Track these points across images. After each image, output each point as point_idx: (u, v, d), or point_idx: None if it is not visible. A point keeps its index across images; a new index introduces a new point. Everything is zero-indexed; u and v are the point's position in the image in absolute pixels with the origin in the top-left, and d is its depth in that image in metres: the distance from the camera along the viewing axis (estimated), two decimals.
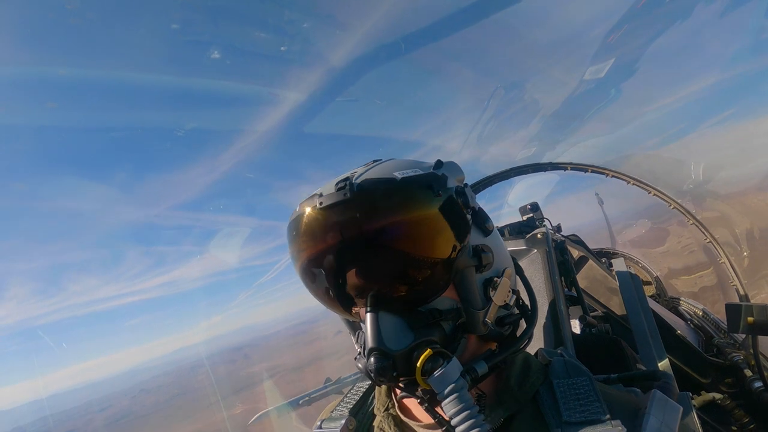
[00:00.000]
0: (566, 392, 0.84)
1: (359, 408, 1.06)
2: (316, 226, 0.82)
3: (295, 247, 0.87)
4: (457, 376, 0.74)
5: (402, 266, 0.82)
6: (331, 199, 0.78)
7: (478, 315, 0.85)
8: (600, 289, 2.58)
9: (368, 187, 0.79)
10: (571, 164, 4.10)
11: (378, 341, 0.76)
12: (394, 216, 0.80)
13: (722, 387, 2.67)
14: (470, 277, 0.86)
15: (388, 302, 0.81)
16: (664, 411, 0.76)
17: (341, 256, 0.82)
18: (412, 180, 0.82)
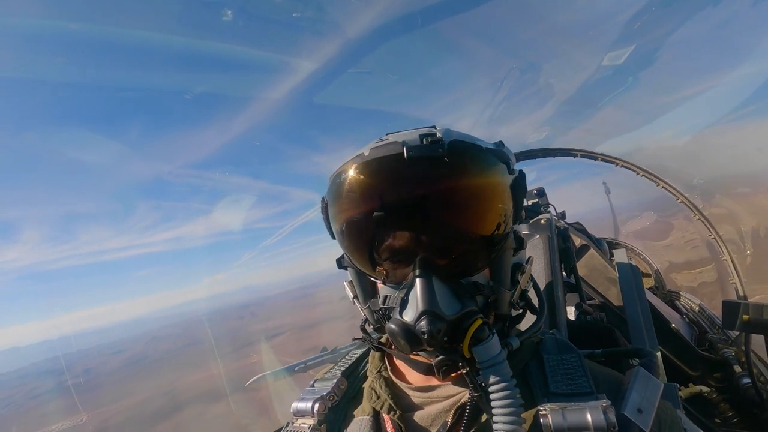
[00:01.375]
0: (555, 367, 0.86)
1: (352, 371, 1.10)
2: (398, 174, 0.79)
3: (362, 191, 0.83)
4: (499, 348, 0.77)
5: (465, 234, 0.82)
6: (422, 151, 0.76)
7: (507, 295, 0.88)
8: (599, 279, 2.59)
9: (460, 148, 0.79)
10: (581, 151, 4.05)
11: (432, 304, 0.75)
12: (478, 183, 0.81)
13: (710, 381, 2.71)
14: (507, 259, 0.88)
15: (439, 267, 0.81)
16: (647, 387, 0.79)
17: (414, 211, 0.80)
18: (495, 152, 0.83)
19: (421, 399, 0.92)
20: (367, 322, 0.99)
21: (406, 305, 0.79)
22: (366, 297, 0.95)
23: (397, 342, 0.80)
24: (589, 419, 0.71)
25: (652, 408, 0.76)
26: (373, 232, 0.85)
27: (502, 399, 0.72)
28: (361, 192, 0.83)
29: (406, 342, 0.78)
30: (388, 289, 0.87)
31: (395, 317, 0.80)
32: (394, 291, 0.85)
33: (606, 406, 0.72)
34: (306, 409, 0.98)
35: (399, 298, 0.82)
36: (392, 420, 0.90)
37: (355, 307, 1.00)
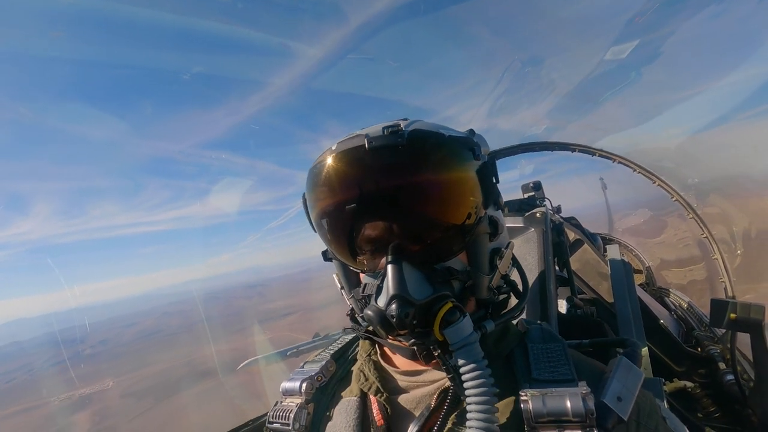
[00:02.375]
0: (539, 355, 0.88)
1: (341, 354, 1.13)
2: (361, 165, 0.81)
3: (329, 181, 0.86)
4: (471, 330, 0.78)
5: (432, 221, 0.84)
6: (382, 141, 0.78)
7: (485, 280, 0.89)
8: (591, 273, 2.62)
9: (420, 136, 0.80)
10: (579, 146, 4.05)
11: (401, 288, 0.77)
12: (440, 170, 0.82)
13: (695, 377, 2.77)
14: (483, 244, 0.89)
15: (411, 254, 0.82)
16: (628, 376, 0.80)
17: (379, 200, 0.82)
18: (459, 139, 0.84)
19: (407, 383, 0.94)
20: (353, 311, 1.01)
21: (381, 292, 0.81)
22: (351, 287, 0.97)
23: (375, 328, 0.83)
24: (568, 405, 0.72)
25: (631, 396, 0.77)
26: (346, 224, 0.87)
27: (473, 379, 0.73)
28: (329, 185, 0.86)
29: (381, 327, 0.80)
30: (368, 277, 0.90)
31: (371, 303, 0.83)
32: (372, 279, 0.87)
33: (585, 394, 0.73)
34: (294, 388, 1.01)
35: (375, 285, 0.84)
36: (378, 401, 0.93)
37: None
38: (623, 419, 0.74)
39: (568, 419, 0.72)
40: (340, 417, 0.96)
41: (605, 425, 0.72)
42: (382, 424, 0.90)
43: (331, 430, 0.95)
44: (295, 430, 0.96)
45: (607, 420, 0.73)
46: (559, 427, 0.73)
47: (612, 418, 0.73)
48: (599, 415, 0.72)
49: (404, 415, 0.91)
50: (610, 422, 0.73)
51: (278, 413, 1.00)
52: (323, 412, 1.01)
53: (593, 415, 0.71)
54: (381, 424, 0.91)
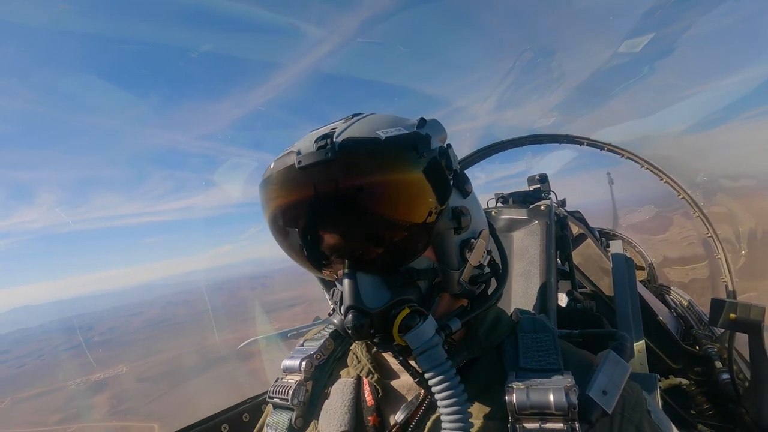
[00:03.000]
0: (528, 344, 0.88)
1: (340, 333, 1.12)
2: (294, 186, 0.79)
3: (268, 205, 0.85)
4: (432, 333, 0.77)
5: (382, 229, 0.81)
6: (310, 158, 0.74)
7: (454, 275, 0.87)
8: (593, 268, 2.62)
9: (351, 147, 0.75)
10: (588, 140, 4.01)
11: (356, 299, 0.77)
12: (377, 178, 0.78)
13: (691, 374, 2.79)
14: (448, 239, 0.86)
15: (366, 262, 0.81)
16: (614, 370, 0.80)
17: (318, 216, 0.81)
18: (397, 140, 0.79)
19: (399, 366, 0.94)
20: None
21: (342, 302, 0.81)
22: (328, 289, 0.97)
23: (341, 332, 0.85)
24: (551, 399, 0.73)
25: (617, 390, 0.78)
26: (296, 242, 0.86)
27: (438, 384, 0.73)
28: (272, 206, 0.85)
29: (343, 334, 0.84)
30: (337, 284, 0.89)
31: (337, 311, 0.84)
32: (339, 285, 0.86)
33: (569, 387, 0.74)
34: (294, 366, 1.03)
35: (339, 293, 0.84)
36: (370, 383, 0.96)
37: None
38: (607, 412, 0.75)
39: (551, 412, 0.73)
40: (336, 396, 0.98)
41: (589, 418, 0.73)
42: (373, 404, 0.93)
43: (327, 408, 0.98)
44: (294, 405, 0.98)
45: (591, 413, 0.74)
46: (542, 419, 0.74)
47: (596, 412, 0.74)
48: (584, 408, 0.73)
49: (395, 399, 0.93)
50: (594, 415, 0.74)
51: (278, 389, 1.02)
52: (321, 389, 1.03)
53: (575, 409, 0.72)
54: (371, 404, 0.93)
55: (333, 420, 0.93)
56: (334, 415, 0.94)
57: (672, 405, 2.54)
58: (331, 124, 0.86)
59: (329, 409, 0.97)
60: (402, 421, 0.87)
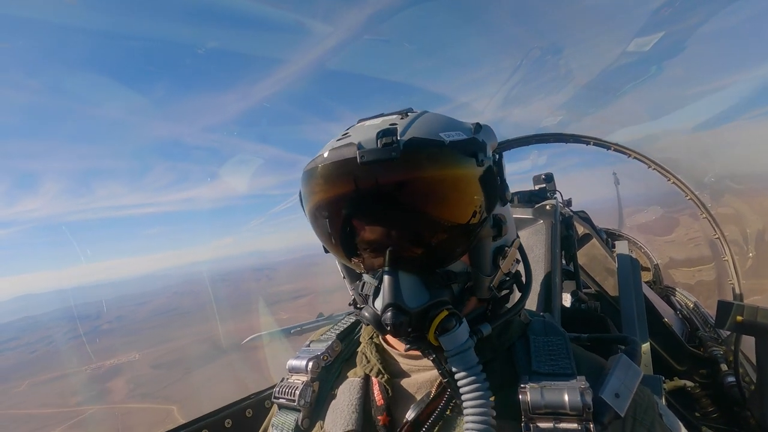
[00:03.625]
0: (540, 347, 0.89)
1: (347, 334, 1.15)
2: (352, 179, 0.78)
3: (319, 195, 0.85)
4: (466, 337, 0.78)
5: (431, 229, 0.82)
6: (374, 154, 0.74)
7: (486, 280, 0.88)
8: (598, 268, 2.60)
9: (416, 148, 0.76)
10: (594, 139, 3.99)
11: (397, 297, 0.78)
12: (438, 181, 0.79)
13: (696, 376, 2.77)
14: (486, 245, 0.88)
15: (408, 261, 0.82)
16: (626, 373, 0.81)
17: (374, 211, 0.82)
18: (459, 145, 0.79)
19: (409, 366, 0.96)
20: (355, 300, 1.02)
21: (378, 295, 0.82)
22: (352, 278, 0.98)
23: (372, 327, 0.85)
24: (566, 399, 0.73)
25: (629, 393, 0.78)
26: (339, 232, 0.87)
27: (468, 385, 0.74)
28: (321, 195, 0.85)
29: (376, 329, 0.83)
30: (367, 276, 0.90)
31: (369, 305, 0.85)
32: (371, 279, 0.88)
33: (584, 388, 0.74)
34: (300, 366, 1.03)
35: (373, 286, 0.85)
36: (379, 383, 0.95)
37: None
38: (620, 415, 0.75)
39: (565, 412, 0.73)
40: (343, 396, 0.98)
41: (602, 420, 0.73)
42: (383, 404, 0.92)
43: (334, 408, 0.97)
44: (300, 406, 0.98)
45: (603, 415, 0.74)
46: (556, 419, 0.74)
47: (609, 414, 0.74)
48: (596, 410, 0.73)
49: (405, 398, 0.93)
50: (606, 417, 0.74)
51: (284, 389, 1.02)
52: (328, 390, 1.03)
53: (590, 410, 0.72)
54: (381, 404, 0.93)
55: (340, 419, 0.93)
56: (341, 415, 0.94)
57: (676, 407, 2.53)
58: (387, 117, 0.87)
59: (336, 408, 0.97)
60: (413, 419, 0.87)
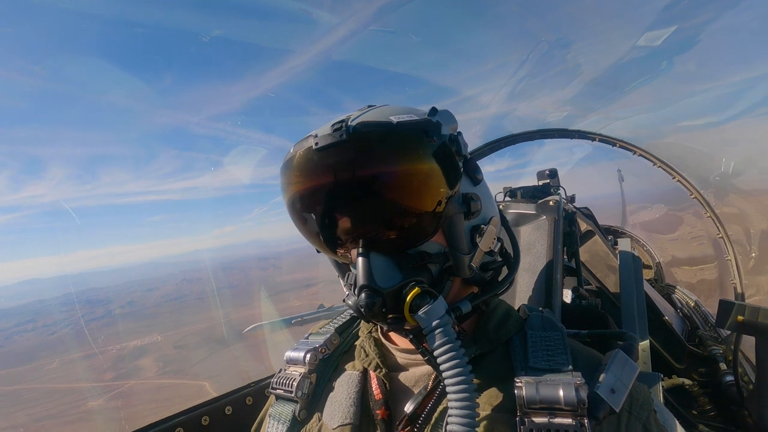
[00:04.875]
0: (537, 342, 0.89)
1: (345, 328, 1.16)
2: (311, 166, 0.83)
3: (288, 186, 0.88)
4: (442, 312, 0.78)
5: (394, 210, 0.83)
6: (326, 140, 0.78)
7: (464, 259, 0.89)
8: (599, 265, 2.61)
9: (364, 130, 0.79)
10: (600, 135, 3.96)
11: (369, 279, 0.80)
12: (388, 160, 0.81)
13: (694, 375, 2.78)
14: (458, 224, 0.88)
15: (378, 244, 0.84)
16: (623, 369, 0.81)
17: (334, 198, 0.84)
18: (408, 125, 0.82)
19: (407, 360, 0.96)
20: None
21: (355, 282, 0.83)
22: (342, 273, 1.00)
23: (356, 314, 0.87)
24: (561, 394, 0.74)
25: (625, 389, 0.79)
26: (311, 223, 0.89)
27: (447, 360, 0.74)
28: (290, 188, 0.88)
29: (358, 315, 0.85)
30: (352, 267, 0.91)
31: (351, 293, 0.86)
32: (353, 268, 0.88)
33: (579, 384, 0.75)
34: (298, 358, 1.04)
35: (353, 275, 0.87)
36: (378, 377, 0.96)
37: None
38: (615, 410, 0.76)
39: (560, 407, 0.74)
40: (341, 389, 0.99)
41: (597, 415, 0.74)
42: (381, 398, 0.93)
43: (332, 401, 0.98)
44: (298, 397, 0.99)
45: (599, 410, 0.74)
46: (551, 414, 0.74)
47: (604, 409, 0.75)
48: (592, 405, 0.74)
49: (402, 392, 0.94)
50: (601, 413, 0.74)
51: (282, 380, 1.03)
52: (325, 382, 1.04)
53: (584, 405, 0.73)
54: (379, 398, 0.93)
55: (338, 412, 0.94)
56: (339, 408, 0.95)
57: (674, 405, 2.54)
58: (350, 113, 0.89)
59: (334, 401, 0.97)
60: (411, 412, 0.87)
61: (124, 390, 22.04)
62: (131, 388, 21.99)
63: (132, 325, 36.17)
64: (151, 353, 26.50)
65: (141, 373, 23.71)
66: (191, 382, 19.35)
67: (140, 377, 23.19)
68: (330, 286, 12.20)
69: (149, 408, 20.41)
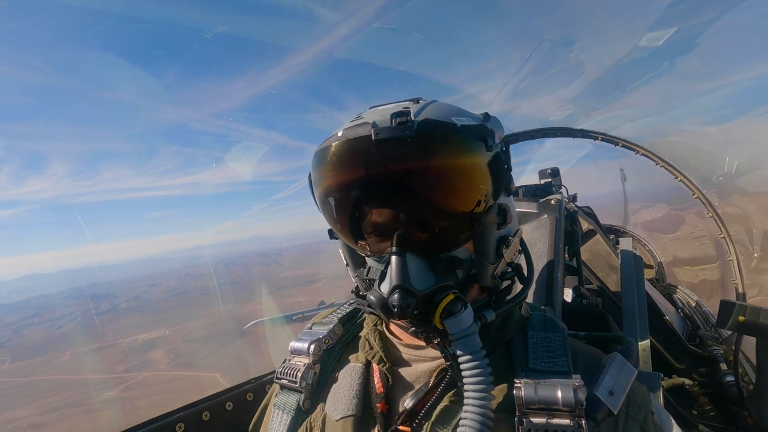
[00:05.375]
0: (538, 343, 0.90)
1: (348, 319, 1.16)
2: (367, 156, 0.80)
3: (334, 171, 0.86)
4: (471, 321, 0.79)
5: (440, 212, 0.83)
6: (389, 132, 0.76)
7: (489, 268, 0.89)
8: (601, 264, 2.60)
9: (429, 128, 0.78)
10: (602, 135, 3.95)
11: (404, 279, 0.79)
12: (448, 162, 0.80)
13: (695, 375, 2.78)
14: (491, 233, 0.89)
15: (415, 244, 0.83)
16: (621, 372, 0.82)
17: (385, 191, 0.83)
18: (471, 129, 0.81)
19: (410, 356, 0.97)
20: (357, 288, 1.03)
21: (384, 278, 0.83)
22: (356, 265, 1.00)
23: (377, 312, 0.86)
24: (559, 395, 0.75)
25: (623, 391, 0.79)
26: (350, 211, 0.88)
27: (470, 369, 0.75)
28: (334, 172, 0.86)
29: (382, 312, 0.83)
30: (372, 261, 0.91)
31: (374, 288, 0.85)
32: (377, 263, 0.89)
33: (578, 386, 0.75)
34: (302, 348, 1.04)
35: (379, 270, 0.87)
36: (380, 370, 0.96)
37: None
38: (613, 412, 0.76)
39: (558, 408, 0.75)
40: (344, 380, 0.99)
41: (594, 416, 0.75)
42: (382, 391, 0.94)
43: (335, 391, 0.99)
44: (302, 387, 1.00)
45: (597, 412, 0.75)
46: (549, 414, 0.75)
47: (602, 411, 0.76)
48: (590, 406, 0.75)
49: (404, 386, 0.94)
50: (599, 414, 0.75)
51: (286, 370, 1.04)
52: (329, 373, 1.05)
53: (582, 406, 0.73)
54: (381, 391, 0.94)
55: (341, 403, 0.94)
56: (341, 399, 0.95)
57: (674, 404, 2.54)
58: (399, 102, 0.88)
59: (337, 392, 0.98)
60: (411, 408, 0.88)
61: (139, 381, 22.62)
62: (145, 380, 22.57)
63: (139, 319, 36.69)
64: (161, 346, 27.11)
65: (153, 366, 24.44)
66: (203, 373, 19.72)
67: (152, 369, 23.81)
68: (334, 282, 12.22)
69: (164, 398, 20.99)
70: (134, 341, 28.61)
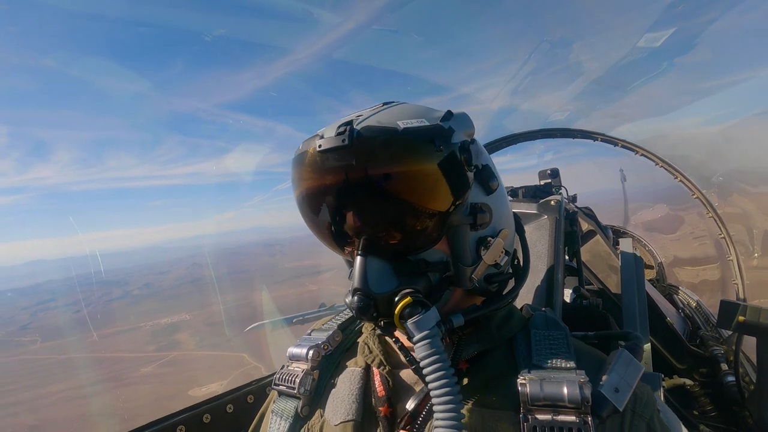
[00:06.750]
0: (541, 341, 0.89)
1: (348, 325, 1.16)
2: (314, 168, 0.83)
3: (294, 184, 0.90)
4: (432, 324, 0.77)
5: (393, 216, 0.83)
6: (329, 143, 0.78)
7: (466, 271, 0.88)
8: (601, 265, 2.60)
9: (367, 136, 0.78)
10: (602, 135, 3.96)
11: (362, 283, 0.80)
12: (390, 167, 0.79)
13: (695, 375, 2.78)
14: (464, 234, 0.87)
15: (378, 247, 0.83)
16: (627, 369, 0.81)
17: (335, 199, 0.84)
18: (414, 132, 0.80)
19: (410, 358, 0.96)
20: None
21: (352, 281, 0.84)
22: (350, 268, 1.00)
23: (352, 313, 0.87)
24: (565, 392, 0.74)
25: (629, 388, 0.78)
26: (313, 218, 0.90)
27: (432, 373, 0.73)
28: (295, 183, 0.89)
29: (354, 315, 0.85)
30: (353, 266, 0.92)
31: (348, 292, 0.86)
32: (351, 266, 0.89)
33: (583, 382, 0.75)
34: (301, 354, 1.04)
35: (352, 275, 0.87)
36: (381, 374, 0.96)
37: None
38: (619, 409, 0.76)
39: (564, 404, 0.74)
40: (343, 385, 0.99)
41: (600, 414, 0.74)
42: (383, 395, 0.93)
43: (334, 397, 0.98)
44: (300, 394, 0.99)
45: (602, 409, 0.74)
46: (555, 411, 0.74)
47: (607, 408, 0.75)
48: (595, 403, 0.74)
49: (405, 389, 0.94)
50: (605, 411, 0.74)
51: (284, 377, 1.03)
52: (328, 379, 1.04)
53: (588, 403, 0.73)
54: (382, 395, 0.93)
55: (340, 408, 0.94)
56: (341, 404, 0.95)
57: (674, 405, 2.54)
58: (362, 111, 0.88)
59: (336, 397, 0.97)
60: (412, 410, 0.87)
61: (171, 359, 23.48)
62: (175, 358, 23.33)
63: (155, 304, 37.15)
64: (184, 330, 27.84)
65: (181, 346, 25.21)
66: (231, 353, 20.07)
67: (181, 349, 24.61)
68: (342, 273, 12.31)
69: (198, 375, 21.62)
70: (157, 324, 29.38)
